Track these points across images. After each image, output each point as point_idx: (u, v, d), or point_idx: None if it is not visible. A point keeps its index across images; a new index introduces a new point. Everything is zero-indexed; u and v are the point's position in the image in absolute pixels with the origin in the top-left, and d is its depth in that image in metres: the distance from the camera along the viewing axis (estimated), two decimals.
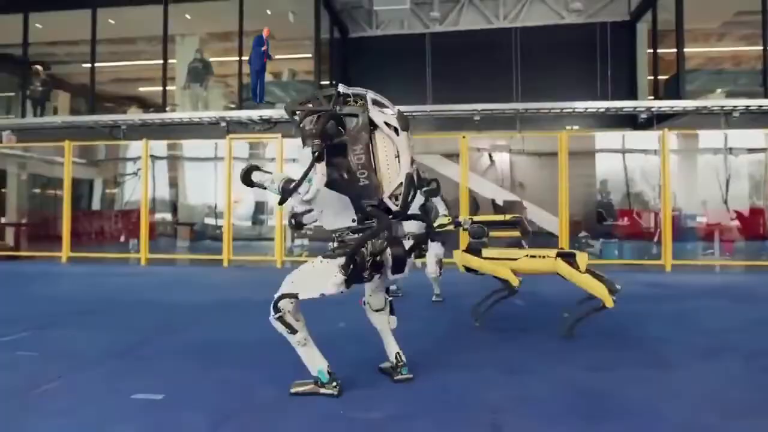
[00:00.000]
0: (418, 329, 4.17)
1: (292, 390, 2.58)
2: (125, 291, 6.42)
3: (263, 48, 10.52)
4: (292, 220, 3.04)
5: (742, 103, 9.80)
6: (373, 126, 2.50)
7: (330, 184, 2.45)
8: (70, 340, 3.70)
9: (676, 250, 9.42)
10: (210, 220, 13.34)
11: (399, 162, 2.51)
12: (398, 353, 2.84)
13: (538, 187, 11.85)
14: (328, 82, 12.19)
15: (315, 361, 2.57)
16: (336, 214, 2.57)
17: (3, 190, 14.37)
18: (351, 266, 2.42)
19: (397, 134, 2.50)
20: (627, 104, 10.59)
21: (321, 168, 2.33)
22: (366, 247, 2.48)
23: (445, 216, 5.01)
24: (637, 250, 9.93)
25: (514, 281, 3.86)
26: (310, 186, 2.33)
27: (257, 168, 2.57)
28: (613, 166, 11.76)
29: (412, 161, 2.56)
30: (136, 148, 11.20)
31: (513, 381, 2.86)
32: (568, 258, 3.77)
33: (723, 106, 9.89)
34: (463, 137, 9.14)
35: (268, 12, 11.90)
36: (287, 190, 2.38)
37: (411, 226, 4.33)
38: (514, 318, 4.50)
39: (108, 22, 12.36)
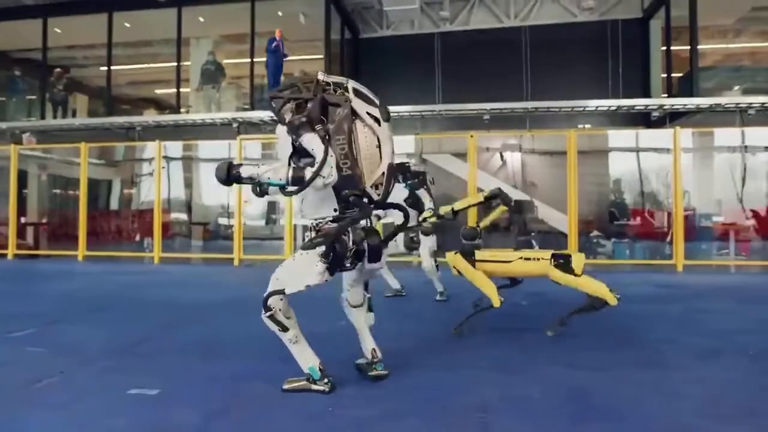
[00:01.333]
0: (415, 328, 4.22)
1: (285, 386, 2.61)
2: (135, 289, 6.56)
3: (275, 44, 10.57)
4: (258, 189, 2.76)
5: (758, 100, 9.59)
6: (355, 116, 2.52)
7: None
8: (76, 336, 3.82)
9: (691, 250, 9.29)
10: (223, 220, 13.51)
11: (380, 152, 2.55)
12: (374, 349, 2.86)
13: (550, 187, 11.73)
14: None
15: (306, 359, 2.60)
16: (318, 203, 2.57)
17: (24, 191, 14.76)
18: (331, 254, 2.44)
19: (379, 125, 2.53)
20: (639, 102, 10.45)
21: (331, 150, 2.38)
22: (347, 235, 2.51)
23: (431, 209, 4.98)
24: (650, 250, 9.79)
25: (496, 302, 3.74)
26: (331, 169, 2.35)
27: (239, 164, 2.49)
28: (626, 164, 11.59)
29: (393, 151, 2.60)
30: (152, 149, 11.42)
31: (505, 380, 2.86)
32: (563, 261, 3.68)
33: (738, 103, 9.70)
34: (471, 136, 9.12)
35: (280, 14, 12.01)
36: (301, 179, 2.33)
37: (394, 216, 4.31)
38: (515, 317, 4.48)
39: (124, 25, 12.62)
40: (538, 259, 3.80)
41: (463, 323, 3.87)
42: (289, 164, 2.47)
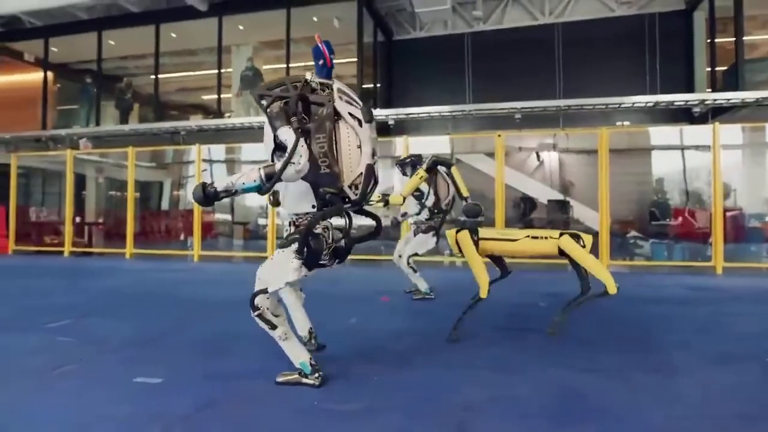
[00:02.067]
0: (420, 326, 4.26)
1: (278, 379, 2.75)
2: (170, 286, 6.96)
3: (322, 54, 10.78)
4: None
5: None
6: (337, 116, 2.57)
7: None
8: (103, 328, 4.13)
9: (737, 251, 8.85)
10: (262, 220, 13.99)
11: (360, 152, 2.57)
12: (311, 328, 3.11)
13: (587, 186, 11.46)
14: (371, 85, 12.46)
15: (297, 355, 2.71)
16: (297, 198, 2.63)
17: (83, 193, 15.85)
18: (305, 249, 2.49)
19: (361, 126, 2.57)
20: (678, 98, 9.99)
21: (302, 140, 2.39)
22: (325, 235, 2.60)
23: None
24: (690, 251, 9.39)
25: (484, 292, 3.63)
26: (300, 158, 2.35)
27: (210, 183, 2.44)
28: (667, 162, 11.15)
29: (374, 153, 2.62)
30: (203, 151, 12.02)
31: (497, 380, 2.89)
32: (573, 237, 3.57)
33: None
34: (498, 136, 9.06)
35: (315, 19, 12.31)
36: (273, 174, 2.35)
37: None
38: (524, 318, 4.48)
39: (170, 35, 13.31)
40: (546, 238, 3.65)
41: (456, 327, 3.74)
42: (272, 161, 2.48)
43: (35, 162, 14.18)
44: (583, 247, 3.57)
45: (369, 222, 2.89)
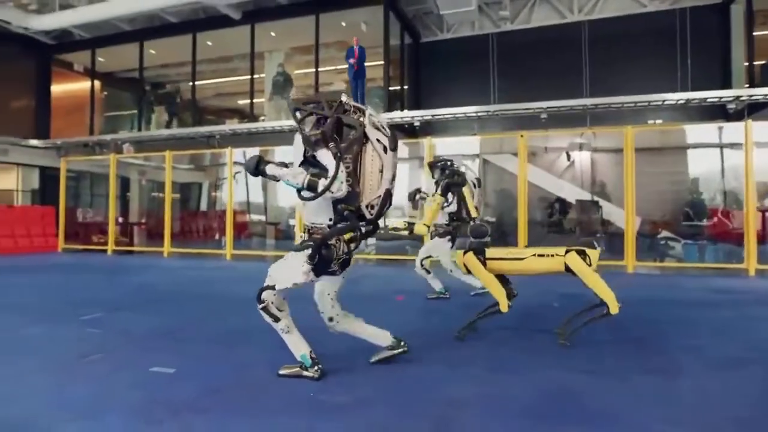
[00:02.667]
0: (427, 325, 4.35)
1: (280, 372, 2.92)
2: (200, 283, 7.32)
3: (353, 59, 11.00)
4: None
5: None
6: (366, 140, 2.74)
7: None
8: (130, 322, 4.45)
9: None
10: (292, 221, 14.38)
11: (381, 177, 2.76)
12: (391, 334, 3.18)
13: (618, 185, 11.25)
14: (398, 87, 12.61)
15: (298, 347, 2.88)
16: (317, 210, 2.80)
17: (127, 194, 16.72)
18: (317, 257, 2.68)
19: (386, 152, 2.74)
20: (711, 94, 9.66)
21: (343, 167, 2.62)
22: (337, 246, 2.77)
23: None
24: (724, 252, 9.08)
25: (504, 307, 3.70)
26: (341, 184, 2.60)
27: (268, 161, 2.73)
28: (703, 161, 10.79)
29: (393, 177, 2.80)
30: (235, 154, 12.49)
31: (492, 378, 2.94)
32: (579, 254, 3.58)
33: None
34: (521, 136, 9.03)
35: (343, 24, 12.58)
36: (315, 188, 2.58)
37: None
38: (537, 318, 4.49)
39: (207, 44, 13.89)
40: (552, 255, 3.67)
41: (467, 327, 3.82)
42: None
43: (83, 166, 15.07)
44: (590, 264, 3.59)
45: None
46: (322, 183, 2.59)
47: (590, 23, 11.65)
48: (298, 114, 2.77)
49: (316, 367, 2.86)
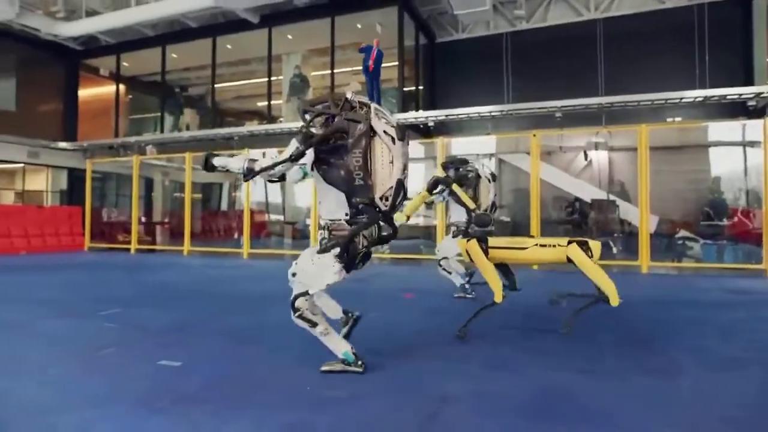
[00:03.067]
0: (433, 323, 4.41)
1: (323, 368, 2.93)
2: (215, 280, 7.53)
3: (371, 59, 11.06)
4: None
5: None
6: (373, 133, 2.80)
7: (329, 181, 2.80)
8: (145, 317, 4.63)
9: None
10: (309, 221, 14.58)
11: (392, 167, 2.80)
12: (343, 309, 3.32)
13: (635, 184, 11.12)
14: (413, 88, 12.68)
15: (339, 347, 2.93)
16: (333, 207, 2.85)
17: (152, 194, 17.20)
18: (345, 254, 2.76)
19: (394, 143, 2.79)
20: (731, 91, 9.45)
21: (309, 155, 2.73)
22: (359, 239, 2.83)
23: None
24: (744, 253, 8.89)
25: (498, 297, 3.71)
26: (296, 171, 2.73)
27: (215, 154, 2.91)
28: (723, 159, 10.58)
29: (405, 168, 2.84)
30: (256, 155, 12.70)
31: (488, 376, 2.97)
32: (581, 245, 3.62)
33: None
34: (534, 135, 9.00)
35: (359, 26, 12.71)
36: (252, 168, 2.72)
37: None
38: (541, 318, 4.48)
39: (226, 47, 14.19)
40: (555, 246, 3.69)
41: (467, 325, 3.86)
42: (312, 169, 2.82)
43: (109, 167, 15.56)
44: (591, 255, 3.61)
45: None
46: (258, 164, 2.71)
47: (605, 21, 11.51)
48: (307, 116, 2.84)
49: (359, 362, 2.93)
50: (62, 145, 15.59)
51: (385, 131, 2.79)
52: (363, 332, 3.30)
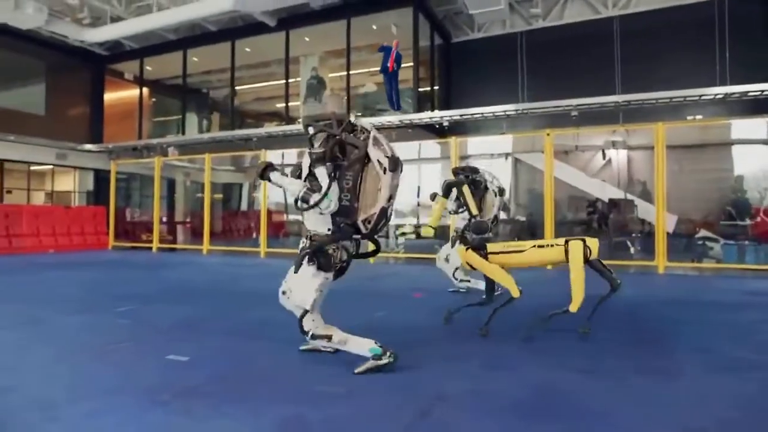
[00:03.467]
0: (440, 322, 4.38)
1: (357, 370, 2.97)
2: (231, 278, 7.70)
3: (390, 60, 11.09)
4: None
5: None
6: (367, 160, 2.93)
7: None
8: (159, 314, 4.79)
9: None
10: None
11: (379, 195, 2.93)
12: None
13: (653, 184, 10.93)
14: (428, 88, 12.70)
15: (362, 347, 2.99)
16: (317, 220, 3.02)
17: (174, 195, 17.60)
18: (316, 257, 2.90)
19: (385, 173, 2.91)
20: (751, 88, 9.18)
21: (335, 186, 2.84)
22: (335, 255, 2.99)
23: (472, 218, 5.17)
24: (766, 253, 8.67)
25: (515, 293, 3.72)
26: (330, 202, 2.84)
27: (275, 168, 3.02)
28: (747, 158, 10.32)
29: (391, 197, 2.97)
30: (275, 156, 12.91)
31: (486, 375, 3.00)
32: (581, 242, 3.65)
33: None
34: (548, 134, 8.93)
35: (374, 27, 12.78)
36: (308, 201, 2.83)
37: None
38: (554, 319, 4.46)
39: (245, 50, 14.44)
40: (552, 246, 3.74)
41: (489, 322, 3.88)
42: (305, 181, 2.93)
43: (133, 168, 16.00)
44: (590, 254, 3.63)
45: None
46: (314, 198, 2.82)
47: (622, 18, 11.33)
48: (310, 129, 2.96)
49: (388, 353, 2.97)
50: (88, 147, 16.09)
51: (378, 160, 2.90)
52: (367, 331, 3.35)
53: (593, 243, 3.67)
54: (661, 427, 2.29)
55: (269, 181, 3.00)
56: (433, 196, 5.83)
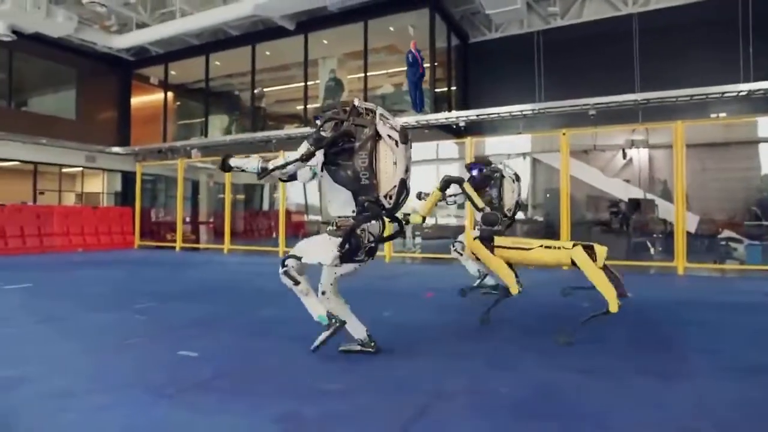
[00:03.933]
0: (445, 320, 4.46)
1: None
2: (248, 277, 7.85)
3: (412, 57, 11.13)
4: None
5: None
6: (378, 136, 3.02)
7: (338, 181, 3.01)
8: (175, 311, 4.96)
9: None
10: None
11: (395, 168, 3.02)
12: (367, 330, 3.37)
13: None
14: (446, 88, 12.71)
15: (316, 309, 3.18)
16: (340, 204, 3.09)
17: (198, 196, 18.01)
18: (346, 245, 2.97)
19: (397, 146, 3.00)
20: None
21: (319, 156, 2.96)
22: (362, 236, 3.04)
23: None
24: None
25: (514, 289, 3.75)
26: (307, 171, 3.01)
27: (230, 155, 3.24)
28: None
29: (407, 169, 3.06)
30: (288, 156, 13.04)
31: (486, 374, 3.01)
32: (586, 249, 3.63)
33: None
34: (563, 134, 8.86)
35: (391, 29, 12.85)
36: (266, 169, 3.02)
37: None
38: (559, 318, 4.41)
39: (265, 53, 14.69)
40: (559, 248, 3.72)
41: (489, 311, 3.94)
42: (322, 170, 3.04)
43: (158, 170, 16.43)
44: (595, 260, 3.60)
45: None
46: (272, 163, 2.99)
47: (640, 15, 11.13)
48: (318, 120, 3.07)
49: (333, 319, 3.16)
50: (116, 150, 16.61)
51: (389, 135, 2.99)
52: (372, 330, 3.42)
53: (601, 250, 3.63)
54: (658, 427, 2.29)
55: (231, 169, 3.20)
56: (419, 195, 5.79)
